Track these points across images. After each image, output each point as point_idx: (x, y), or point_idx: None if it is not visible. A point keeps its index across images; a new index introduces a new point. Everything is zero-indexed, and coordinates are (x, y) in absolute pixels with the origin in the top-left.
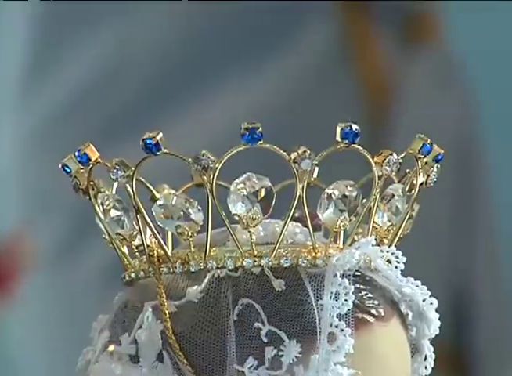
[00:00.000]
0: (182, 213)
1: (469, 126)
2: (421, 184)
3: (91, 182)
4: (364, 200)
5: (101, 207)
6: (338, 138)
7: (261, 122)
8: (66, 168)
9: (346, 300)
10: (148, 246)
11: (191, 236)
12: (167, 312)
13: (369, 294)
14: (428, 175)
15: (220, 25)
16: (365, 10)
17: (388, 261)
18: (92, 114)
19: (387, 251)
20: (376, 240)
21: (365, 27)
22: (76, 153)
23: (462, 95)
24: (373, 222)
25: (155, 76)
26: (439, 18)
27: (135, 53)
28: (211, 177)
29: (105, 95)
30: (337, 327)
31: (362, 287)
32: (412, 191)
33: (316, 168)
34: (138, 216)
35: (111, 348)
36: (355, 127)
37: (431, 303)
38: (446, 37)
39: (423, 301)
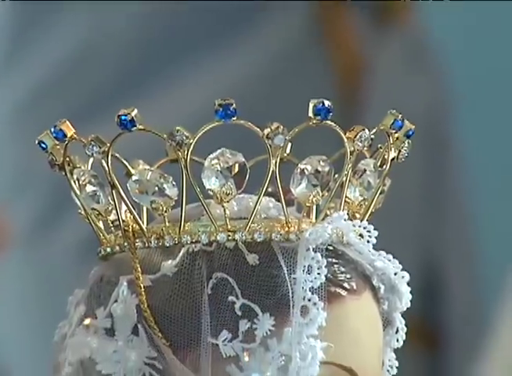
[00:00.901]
0: (156, 188)
1: (438, 104)
2: (393, 159)
3: (67, 158)
4: (336, 176)
5: (77, 182)
6: (311, 114)
7: (236, 100)
8: (43, 144)
9: (319, 274)
10: (123, 221)
11: (166, 211)
12: (142, 286)
13: (342, 268)
14: (399, 151)
15: (198, 5)
16: None
17: (360, 235)
18: (68, 95)
19: (359, 226)
20: (348, 214)
21: (338, 9)
22: (52, 130)
23: (432, 76)
24: (346, 196)
25: (132, 55)
26: (411, 2)
27: (111, 33)
28: (186, 152)
29: (81, 76)
30: (309, 300)
31: (334, 261)
32: (384, 166)
33: (289, 144)
34: (114, 191)
35: (87, 321)
36: (327, 103)
37: (403, 277)
38: (418, 20)
39: (395, 274)
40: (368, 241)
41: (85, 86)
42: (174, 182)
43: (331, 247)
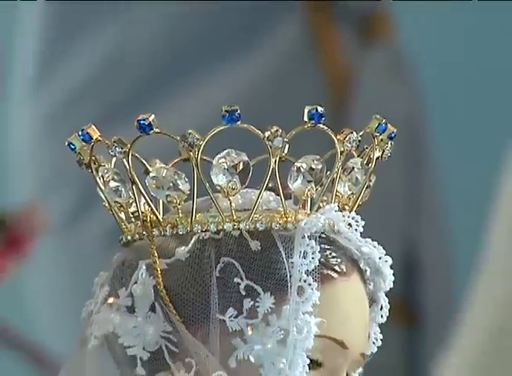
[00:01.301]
0: (171, 184)
1: (416, 110)
2: (377, 158)
3: (93, 158)
4: (328, 172)
5: (101, 179)
6: (306, 119)
7: (241, 106)
8: (72, 146)
9: (313, 258)
10: (142, 212)
11: (179, 204)
12: (158, 269)
13: (333, 253)
14: (383, 151)
15: (209, 23)
16: (327, 12)
17: (349, 224)
18: (97, 101)
19: (348, 216)
20: (338, 206)
21: (328, 27)
22: (79, 133)
23: (410, 86)
24: (336, 191)
25: (160, 59)
26: (391, 19)
27: (135, 47)
28: (197, 153)
29: (109, 84)
30: (305, 281)
31: (326, 247)
32: (370, 164)
33: (287, 145)
34: (134, 187)
35: (111, 300)
36: (320, 109)
37: (386, 261)
38: (397, 37)
39: (380, 259)
40: (356, 230)
41: (112, 95)
42: (186, 179)
43: (324, 235)
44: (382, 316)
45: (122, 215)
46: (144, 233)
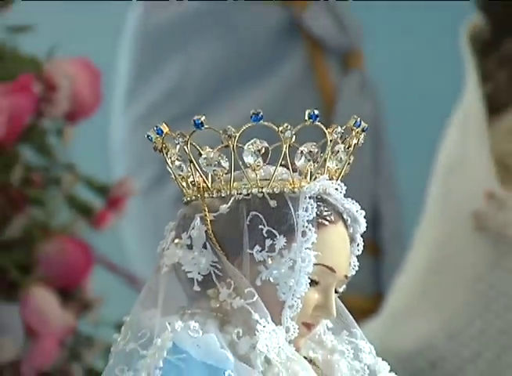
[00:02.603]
0: (216, 162)
1: (377, 115)
2: (355, 144)
3: (164, 145)
4: (322, 154)
5: (169, 159)
6: (306, 118)
7: (264, 112)
8: (149, 137)
9: (312, 212)
10: (197, 181)
11: (222, 176)
12: (208, 219)
13: (325, 208)
14: (358, 139)
15: (239, 58)
16: (319, 49)
17: (336, 189)
18: (170, 108)
19: (336, 183)
20: (329, 177)
21: (320, 60)
22: (155, 128)
23: (373, 98)
24: (327, 166)
25: (211, 81)
26: (362, 55)
27: (197, 71)
28: (233, 141)
29: (178, 96)
30: (306, 227)
31: (321, 204)
32: (350, 148)
33: (294, 136)
34: (191, 164)
35: (176, 240)
36: (316, 111)
37: (361, 213)
38: (365, 66)
39: (356, 211)
40: (340, 192)
41: (183, 99)
42: (226, 159)
43: (319, 196)
44: (358, 250)
45: (184, 184)
46: (198, 195)
